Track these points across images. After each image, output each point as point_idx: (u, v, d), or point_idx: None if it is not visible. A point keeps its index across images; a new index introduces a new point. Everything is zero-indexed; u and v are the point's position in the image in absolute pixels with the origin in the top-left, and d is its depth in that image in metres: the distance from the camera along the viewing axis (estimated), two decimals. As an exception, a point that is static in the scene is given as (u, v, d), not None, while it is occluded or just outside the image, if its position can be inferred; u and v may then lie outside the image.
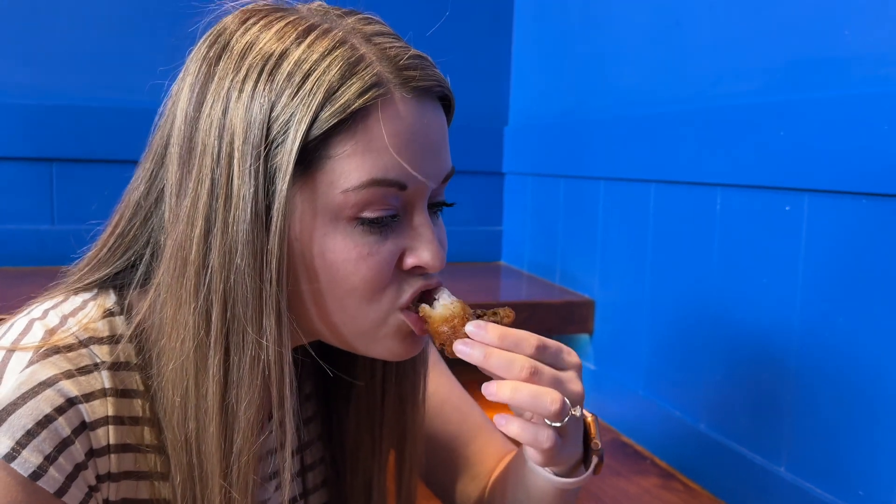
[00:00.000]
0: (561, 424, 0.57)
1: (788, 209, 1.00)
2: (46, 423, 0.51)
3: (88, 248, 0.63)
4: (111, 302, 0.59)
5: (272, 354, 0.53)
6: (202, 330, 0.53)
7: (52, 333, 0.55)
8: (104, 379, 0.55)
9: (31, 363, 0.53)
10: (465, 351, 0.57)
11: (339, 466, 0.74)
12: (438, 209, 0.63)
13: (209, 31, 0.58)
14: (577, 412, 0.58)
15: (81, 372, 0.54)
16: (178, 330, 0.54)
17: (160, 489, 0.58)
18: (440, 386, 0.82)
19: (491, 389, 0.57)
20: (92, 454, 0.54)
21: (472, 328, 0.57)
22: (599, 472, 0.65)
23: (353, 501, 0.73)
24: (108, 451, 0.55)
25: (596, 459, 0.64)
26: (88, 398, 0.54)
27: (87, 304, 0.59)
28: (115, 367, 0.56)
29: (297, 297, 0.56)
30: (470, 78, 1.96)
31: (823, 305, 0.95)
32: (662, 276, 1.29)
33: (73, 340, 0.55)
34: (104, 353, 0.56)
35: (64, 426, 0.52)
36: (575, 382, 0.59)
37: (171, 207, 0.55)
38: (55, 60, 1.59)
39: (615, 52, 1.48)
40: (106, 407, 0.55)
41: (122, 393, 0.56)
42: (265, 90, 0.52)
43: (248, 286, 0.52)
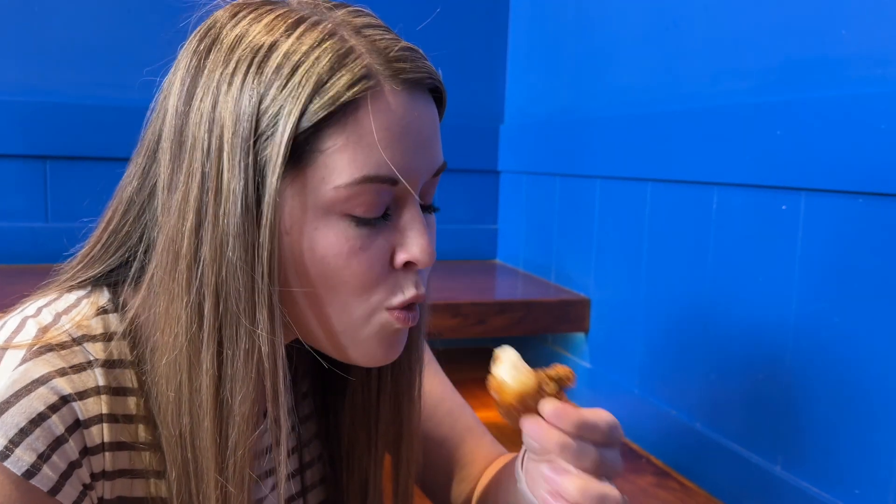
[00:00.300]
0: None
1: (785, 208, 1.00)
2: (40, 421, 0.51)
3: (82, 245, 0.62)
4: (105, 299, 0.59)
5: (265, 347, 0.52)
6: (195, 324, 0.53)
7: (45, 331, 0.55)
8: (98, 376, 0.55)
9: (24, 361, 0.52)
10: (536, 434, 0.56)
11: (336, 464, 0.73)
12: (429, 210, 0.62)
13: (200, 25, 0.57)
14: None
15: (75, 370, 0.54)
16: (170, 324, 0.54)
17: (156, 487, 0.58)
18: (433, 387, 0.82)
19: (557, 484, 0.55)
20: (86, 452, 0.54)
21: (550, 412, 0.56)
22: None
23: (349, 499, 0.73)
24: (102, 448, 0.55)
25: None
26: (82, 396, 0.54)
27: (80, 301, 0.58)
28: (108, 364, 0.56)
29: (288, 291, 0.55)
30: (465, 76, 1.96)
31: (819, 304, 0.95)
32: (658, 274, 1.29)
33: (66, 338, 0.55)
34: (98, 350, 0.56)
35: (57, 424, 0.52)
36: (619, 459, 0.58)
37: (162, 202, 0.55)
38: (49, 58, 1.58)
39: (611, 50, 1.48)
40: (100, 405, 0.55)
41: (116, 391, 0.56)
42: (254, 83, 0.52)
43: (239, 280, 0.52)
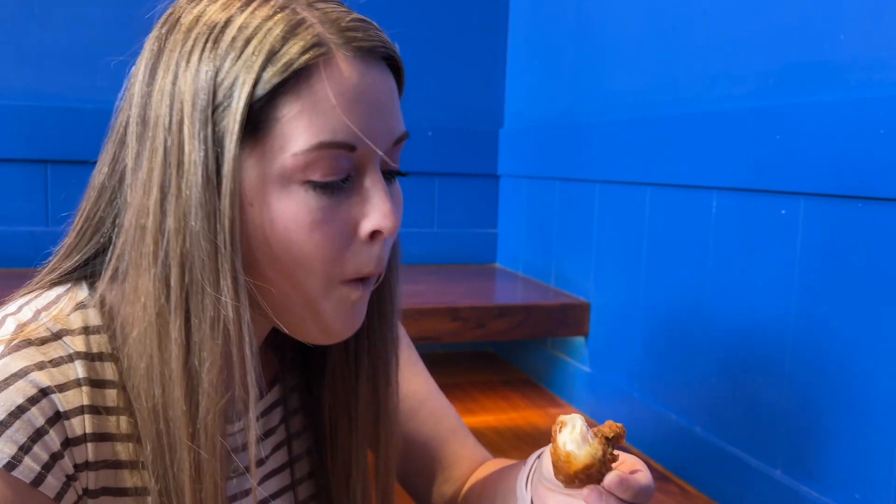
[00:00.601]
0: None
1: (784, 213, 1.01)
2: (19, 413, 0.51)
3: (61, 245, 0.63)
4: (83, 295, 0.59)
5: (231, 314, 0.53)
6: (162, 295, 0.54)
7: (23, 327, 0.56)
8: (79, 369, 0.56)
9: (2, 356, 0.53)
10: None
11: (321, 453, 0.74)
12: (393, 177, 0.63)
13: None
14: None
15: (54, 363, 0.55)
16: (139, 297, 0.54)
17: (140, 477, 0.58)
18: (418, 387, 0.82)
19: None
20: (68, 443, 0.54)
21: (615, 485, 0.56)
22: None
23: (334, 484, 0.72)
24: (84, 440, 0.55)
25: None
26: (62, 388, 0.54)
27: (59, 298, 0.59)
28: (89, 357, 0.57)
29: (254, 262, 0.56)
30: (465, 80, 1.96)
31: (819, 309, 0.95)
32: (658, 278, 1.29)
33: (45, 333, 0.56)
34: (78, 343, 0.57)
35: (37, 416, 0.52)
36: None
37: (130, 182, 0.56)
38: (50, 62, 1.59)
39: (610, 55, 1.49)
40: (81, 396, 0.55)
41: (96, 383, 0.56)
42: (211, 57, 0.53)
43: (203, 249, 0.53)
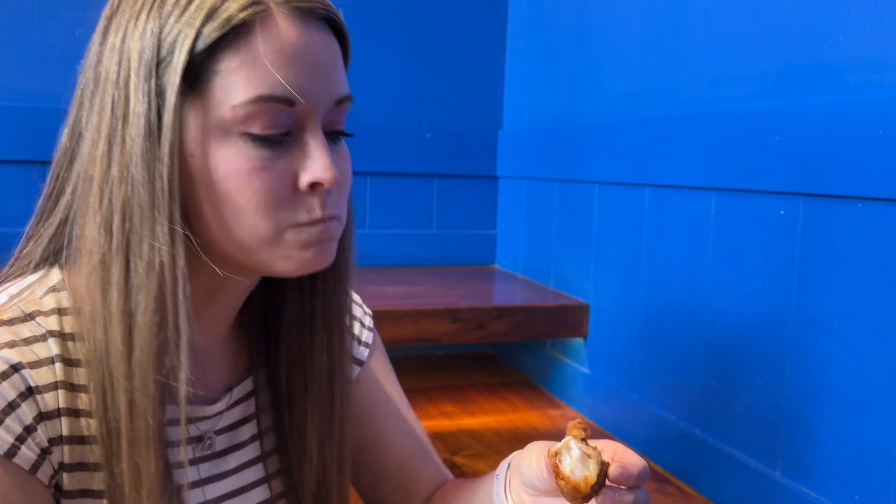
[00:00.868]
0: None
1: (783, 213, 1.01)
2: None
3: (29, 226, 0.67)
4: (55, 280, 0.62)
5: (165, 259, 0.56)
6: (105, 242, 0.57)
7: None
8: (52, 346, 0.58)
9: None
10: None
11: (284, 427, 0.75)
12: (338, 137, 0.63)
13: None
14: None
15: (26, 342, 0.57)
16: (86, 244, 0.57)
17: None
18: (390, 396, 0.83)
19: None
20: (42, 417, 0.56)
21: (623, 478, 0.58)
22: None
23: (291, 446, 0.73)
24: (58, 414, 0.57)
25: None
26: (34, 365, 0.56)
27: (33, 284, 0.62)
28: (62, 336, 0.59)
29: (199, 214, 0.58)
30: (464, 82, 1.96)
31: (818, 309, 0.95)
32: (657, 279, 1.29)
33: (17, 314, 0.58)
34: (51, 323, 0.59)
35: (8, 390, 0.54)
36: (647, 496, 0.61)
37: (83, 137, 0.60)
38: (49, 64, 1.59)
39: (610, 56, 1.49)
40: (54, 373, 0.57)
41: (69, 361, 0.59)
42: (157, 15, 0.56)
43: (142, 197, 0.55)
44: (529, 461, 0.61)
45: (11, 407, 0.54)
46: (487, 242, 2.02)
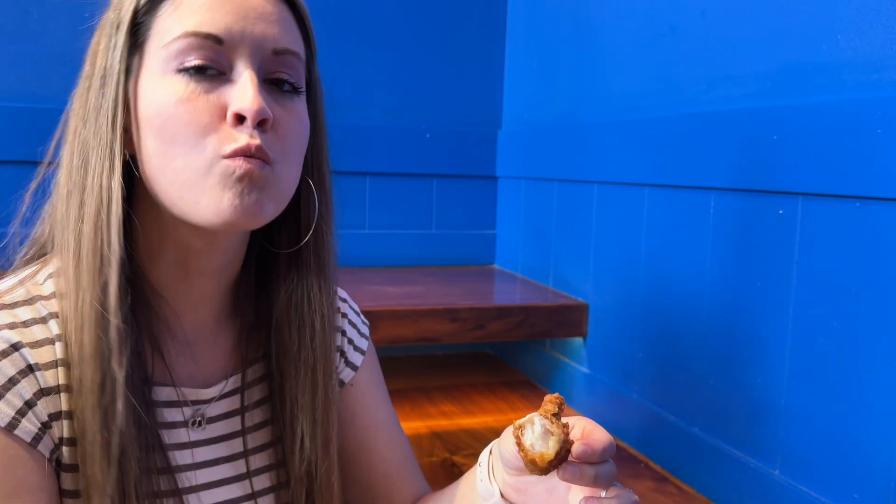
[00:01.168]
0: None
1: (782, 213, 1.01)
2: None
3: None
4: (55, 267, 0.65)
5: (104, 183, 0.61)
6: (72, 174, 0.63)
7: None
8: (53, 328, 0.61)
9: None
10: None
11: (278, 418, 0.76)
12: (287, 91, 0.65)
13: None
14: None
15: (26, 324, 0.61)
16: (60, 177, 0.65)
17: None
18: (379, 406, 0.85)
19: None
20: (42, 393, 0.59)
21: (570, 477, 0.61)
22: None
23: (286, 443, 0.75)
24: (58, 390, 0.60)
25: None
26: (34, 345, 0.60)
27: (34, 272, 0.66)
28: (62, 318, 0.62)
29: (143, 151, 0.62)
30: (464, 82, 1.96)
31: (817, 309, 0.96)
32: (656, 279, 1.29)
33: (19, 298, 0.62)
34: (51, 306, 0.63)
35: (8, 367, 0.58)
36: (613, 469, 0.65)
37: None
38: (46, 64, 1.59)
39: (609, 56, 1.49)
40: (54, 352, 0.61)
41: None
42: None
43: (91, 134, 0.62)
44: (507, 441, 0.64)
45: (12, 382, 0.58)
46: (487, 242, 2.02)
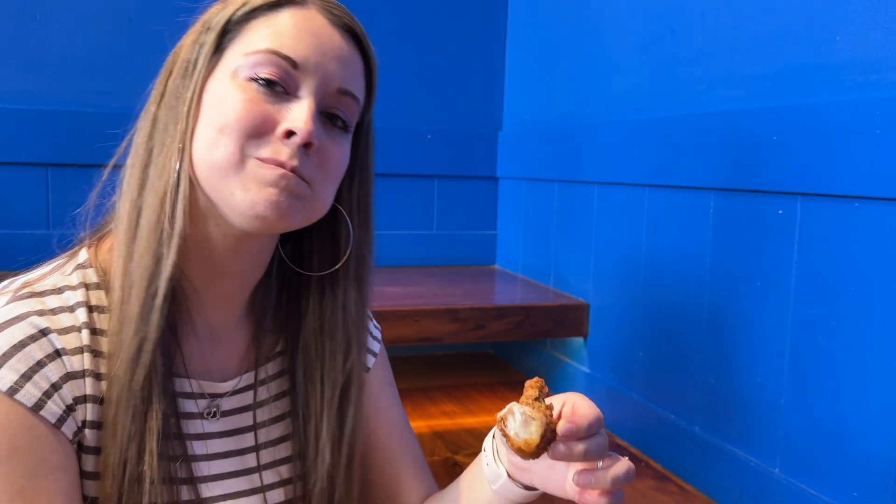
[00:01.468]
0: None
1: (781, 213, 1.01)
2: (20, 347, 0.60)
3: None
4: (83, 258, 0.69)
5: (173, 164, 0.65)
6: (133, 155, 0.68)
7: (28, 284, 0.65)
8: (79, 316, 0.65)
9: (7, 303, 0.63)
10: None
11: (299, 426, 0.79)
12: (339, 126, 0.70)
13: None
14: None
15: (54, 312, 0.64)
16: (130, 151, 0.70)
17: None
18: (390, 406, 0.87)
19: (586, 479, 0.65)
20: (68, 377, 0.62)
21: (570, 433, 0.62)
22: None
23: (308, 456, 0.77)
24: (83, 375, 0.63)
25: None
26: (62, 332, 0.63)
27: (62, 263, 0.69)
28: (89, 308, 0.66)
29: (197, 144, 0.66)
30: (464, 84, 1.97)
31: (817, 308, 0.96)
32: (656, 279, 1.30)
33: (48, 287, 0.65)
34: (79, 295, 0.66)
35: (36, 351, 0.61)
36: (605, 443, 0.67)
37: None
38: (51, 66, 1.59)
39: (609, 57, 1.49)
40: (81, 338, 0.64)
41: (95, 331, 0.65)
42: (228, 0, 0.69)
43: (168, 116, 0.67)
44: (499, 432, 0.66)
45: (40, 365, 0.61)
46: (487, 243, 2.02)
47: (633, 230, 1.36)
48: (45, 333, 0.62)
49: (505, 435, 0.63)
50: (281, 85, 0.65)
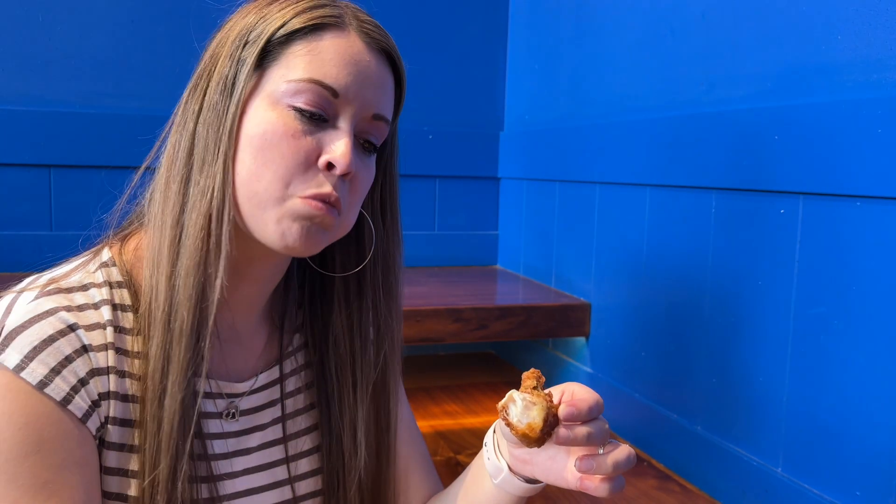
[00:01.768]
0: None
1: (783, 212, 1.01)
2: (50, 341, 0.61)
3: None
4: (106, 257, 0.70)
5: (218, 185, 0.65)
6: (169, 172, 0.68)
7: (55, 280, 0.67)
8: (104, 313, 0.66)
9: (36, 297, 0.64)
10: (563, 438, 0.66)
11: (332, 420, 0.81)
12: (368, 150, 0.72)
13: None
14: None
15: (80, 308, 0.65)
16: (163, 163, 0.69)
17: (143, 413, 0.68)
18: (399, 404, 0.88)
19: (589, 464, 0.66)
20: (94, 373, 0.64)
21: (571, 416, 0.64)
22: None
23: (345, 449, 0.80)
24: (108, 371, 0.65)
25: None
26: (88, 328, 0.64)
27: (86, 261, 0.70)
28: (113, 306, 0.67)
29: (238, 160, 0.67)
30: (466, 85, 1.97)
31: (819, 308, 0.96)
32: (658, 279, 1.30)
33: (74, 284, 0.67)
34: (103, 293, 0.67)
35: (65, 345, 0.62)
36: (605, 428, 0.68)
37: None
38: (53, 68, 1.59)
39: (610, 57, 1.50)
40: (105, 336, 0.65)
41: (119, 329, 0.66)
42: (263, 7, 0.69)
43: (209, 135, 0.66)
44: (502, 422, 0.66)
45: (68, 360, 0.62)
46: (489, 243, 2.03)
47: (634, 230, 1.36)
48: (73, 329, 0.63)
49: (508, 423, 0.63)
50: (321, 114, 0.67)
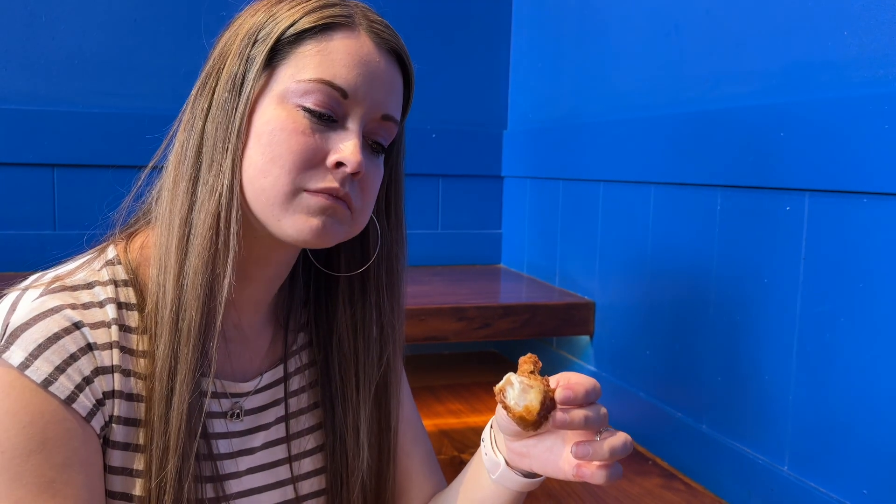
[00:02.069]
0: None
1: (789, 209, 1.01)
2: (55, 339, 0.61)
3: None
4: (111, 255, 0.70)
5: (226, 184, 0.65)
6: (183, 160, 0.68)
7: (60, 278, 0.66)
8: (109, 312, 0.65)
9: (41, 295, 0.63)
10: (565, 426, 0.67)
11: (335, 420, 0.82)
12: (376, 150, 0.72)
13: None
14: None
15: (85, 307, 0.64)
16: (171, 160, 0.69)
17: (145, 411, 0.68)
18: (403, 403, 0.88)
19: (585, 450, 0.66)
20: (98, 371, 0.63)
21: (560, 424, 0.64)
22: None
23: (349, 448, 0.80)
24: (112, 370, 0.64)
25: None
26: (93, 326, 0.64)
27: (91, 260, 0.70)
28: (118, 304, 0.67)
29: (247, 157, 0.67)
30: (469, 83, 1.97)
31: (825, 305, 0.96)
32: (662, 277, 1.29)
33: (79, 282, 0.66)
34: (108, 291, 0.67)
35: (70, 344, 0.62)
36: (601, 413, 0.68)
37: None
38: (56, 67, 1.59)
39: (614, 55, 1.49)
40: (110, 335, 0.65)
41: (124, 327, 0.66)
42: (272, 6, 0.69)
43: (217, 134, 0.67)
44: (499, 410, 0.68)
45: (73, 358, 0.62)
46: (493, 242, 2.02)
47: (638, 228, 1.36)
48: (78, 327, 0.63)
49: (505, 406, 0.64)
50: (330, 115, 0.67)
